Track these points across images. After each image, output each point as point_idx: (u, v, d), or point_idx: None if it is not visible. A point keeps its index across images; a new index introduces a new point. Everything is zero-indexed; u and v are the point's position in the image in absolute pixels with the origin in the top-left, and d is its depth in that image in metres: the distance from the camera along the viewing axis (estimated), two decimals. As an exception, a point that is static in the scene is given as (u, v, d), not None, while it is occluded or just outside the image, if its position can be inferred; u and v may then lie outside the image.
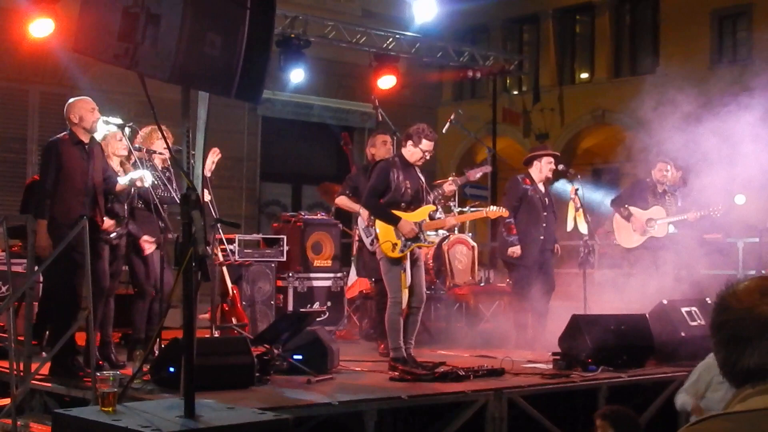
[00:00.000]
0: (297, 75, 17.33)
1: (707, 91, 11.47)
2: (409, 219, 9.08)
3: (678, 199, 12.21)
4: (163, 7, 4.82)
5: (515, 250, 11.01)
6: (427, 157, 9.39)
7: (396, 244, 9.05)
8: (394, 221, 9.07)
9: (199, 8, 4.87)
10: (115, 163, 9.15)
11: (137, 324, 9.40)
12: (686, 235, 11.97)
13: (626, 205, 12.05)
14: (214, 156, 9.82)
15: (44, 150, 8.76)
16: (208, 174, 9.16)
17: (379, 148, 10.99)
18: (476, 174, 11.12)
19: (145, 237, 9.30)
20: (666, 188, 12.14)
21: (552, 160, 11.26)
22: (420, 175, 9.44)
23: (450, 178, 10.87)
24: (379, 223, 9.19)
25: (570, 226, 11.57)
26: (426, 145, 9.23)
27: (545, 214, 11.21)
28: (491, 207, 10.35)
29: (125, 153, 9.17)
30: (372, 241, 9.68)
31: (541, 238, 11.13)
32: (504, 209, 10.47)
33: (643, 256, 11.90)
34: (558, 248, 11.50)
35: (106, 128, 9.04)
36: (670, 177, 12.27)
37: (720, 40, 23.51)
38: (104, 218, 8.76)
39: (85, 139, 8.56)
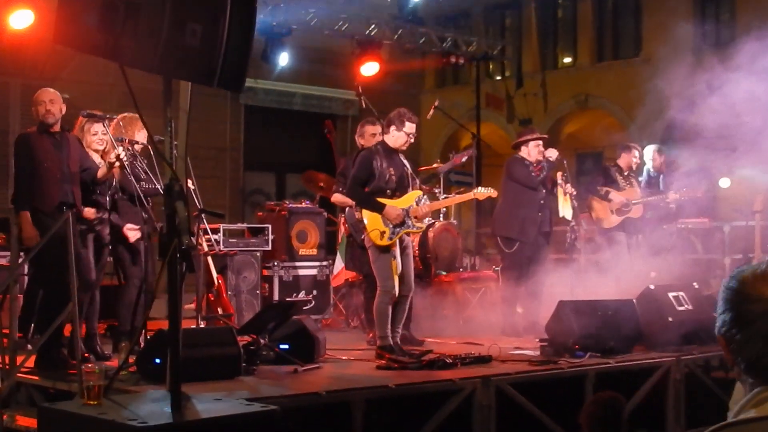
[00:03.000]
0: (283, 59, 17.28)
1: (690, 74, 11.44)
2: (395, 206, 9.07)
3: (658, 184, 12.28)
4: (143, -3, 4.78)
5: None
6: (412, 140, 9.35)
7: (384, 231, 9.03)
8: (378, 209, 9.04)
9: (179, -3, 4.82)
10: (96, 157, 9.07)
11: (123, 315, 9.35)
12: (667, 221, 12.03)
13: (602, 186, 12.09)
14: None
15: (15, 144, 8.74)
16: None
17: (368, 140, 10.49)
18: (462, 158, 10.88)
19: (129, 225, 9.24)
20: (632, 172, 12.21)
21: (540, 143, 11.20)
22: (405, 161, 9.41)
23: (434, 165, 10.63)
24: (365, 212, 9.16)
25: (560, 213, 11.53)
26: (409, 127, 9.20)
27: (542, 194, 11.15)
28: (479, 188, 10.25)
29: (100, 147, 9.08)
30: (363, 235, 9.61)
31: (539, 214, 11.05)
32: (492, 190, 10.38)
33: (620, 237, 11.94)
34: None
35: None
36: (654, 163, 12.34)
37: (703, 24, 23.51)
38: (83, 207, 8.73)
39: (53, 128, 8.53)
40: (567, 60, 26.67)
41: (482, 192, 10.21)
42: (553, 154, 11.07)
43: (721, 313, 2.45)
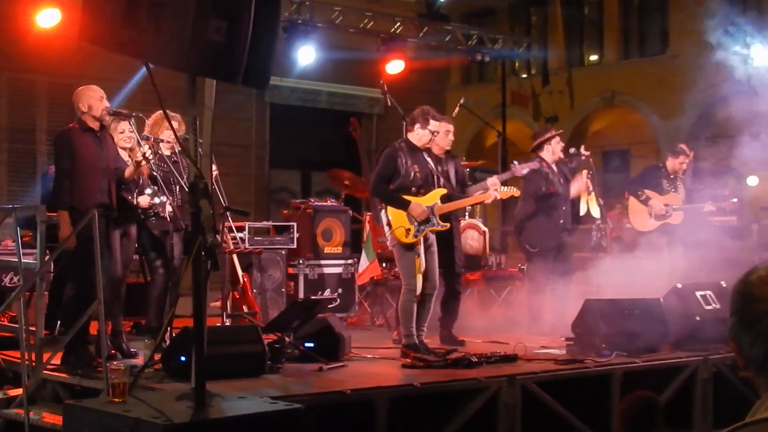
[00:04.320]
0: (308, 54, 17.27)
1: (717, 71, 11.37)
2: (420, 203, 9.04)
3: (688, 183, 12.19)
4: (167, -6, 4.78)
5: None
6: (436, 138, 9.33)
7: (409, 229, 8.99)
8: (403, 205, 9.01)
9: (203, -6, 4.82)
10: (124, 155, 9.08)
11: (150, 311, 9.35)
12: (698, 219, 11.92)
13: (643, 189, 12.00)
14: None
15: (55, 141, 8.72)
16: None
17: (442, 138, 10.01)
18: (523, 170, 10.70)
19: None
20: (678, 176, 12.10)
21: (559, 138, 11.17)
22: (428, 159, 9.37)
23: (494, 177, 10.37)
24: (390, 209, 9.12)
25: (582, 210, 11.47)
26: (434, 125, 9.19)
27: (564, 194, 11.10)
28: (502, 187, 10.19)
29: (127, 145, 9.07)
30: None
31: (561, 221, 11.03)
32: (515, 189, 10.33)
33: (657, 240, 11.85)
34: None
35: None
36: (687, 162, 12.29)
37: (730, 19, 23.33)
38: (137, 198, 8.85)
39: (95, 126, 8.54)
40: (593, 57, 26.54)
41: (505, 191, 10.11)
42: (584, 152, 11.09)
43: (729, 317, 2.45)
